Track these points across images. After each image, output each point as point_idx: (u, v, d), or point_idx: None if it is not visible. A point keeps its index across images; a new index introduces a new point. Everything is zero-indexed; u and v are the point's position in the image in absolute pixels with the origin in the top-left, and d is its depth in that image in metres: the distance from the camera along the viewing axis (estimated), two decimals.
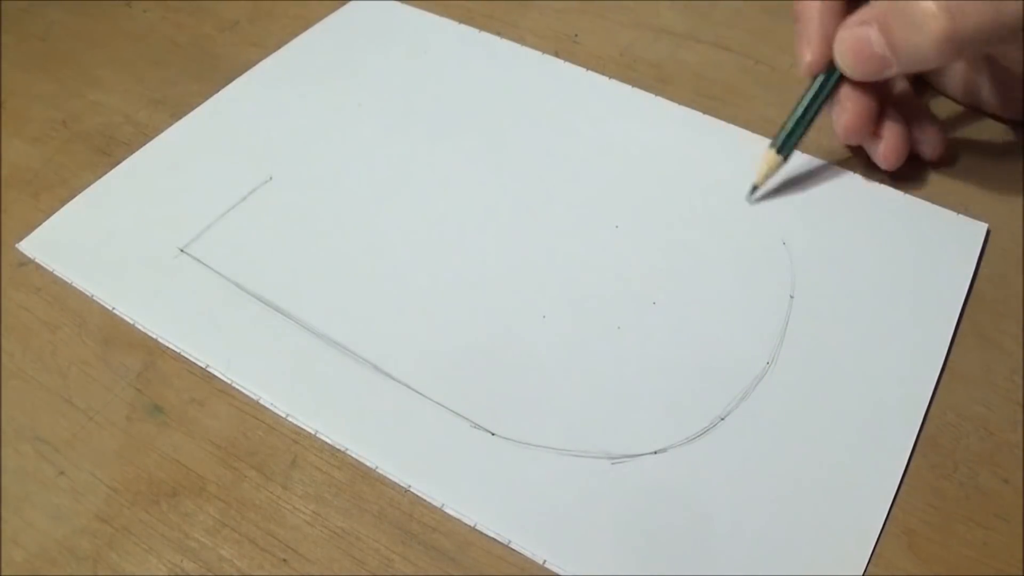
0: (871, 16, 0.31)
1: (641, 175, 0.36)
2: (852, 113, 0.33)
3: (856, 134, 0.34)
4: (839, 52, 0.33)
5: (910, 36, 0.30)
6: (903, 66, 0.31)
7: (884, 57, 0.31)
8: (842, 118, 0.34)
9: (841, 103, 0.34)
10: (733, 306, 0.32)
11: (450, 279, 0.33)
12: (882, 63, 0.32)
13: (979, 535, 0.26)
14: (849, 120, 0.33)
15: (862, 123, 0.33)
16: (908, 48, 0.31)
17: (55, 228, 0.35)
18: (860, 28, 0.32)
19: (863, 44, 0.32)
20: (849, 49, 0.32)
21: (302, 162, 0.37)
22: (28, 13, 0.44)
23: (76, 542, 0.27)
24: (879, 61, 0.32)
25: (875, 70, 0.32)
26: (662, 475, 0.27)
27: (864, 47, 0.32)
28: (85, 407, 0.30)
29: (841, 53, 0.32)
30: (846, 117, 0.33)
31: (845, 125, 0.34)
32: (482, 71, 0.41)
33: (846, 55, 0.32)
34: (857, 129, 0.34)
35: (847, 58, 0.32)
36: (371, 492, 0.28)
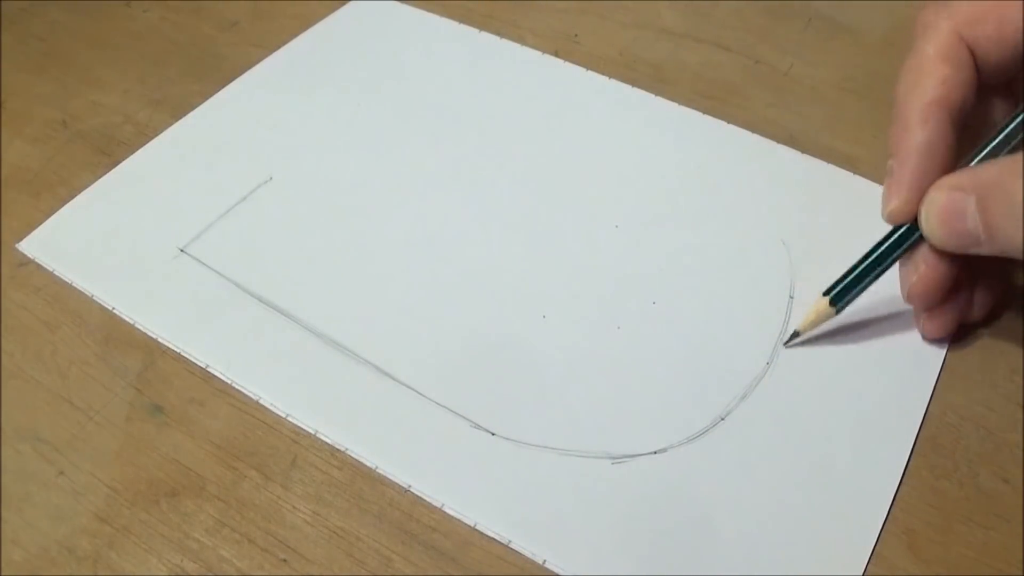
0: (971, 184, 0.26)
1: (641, 175, 0.36)
2: (923, 280, 0.28)
3: (921, 302, 0.29)
4: (927, 214, 0.27)
5: (1010, 227, 0.25)
6: (994, 250, 0.26)
7: (975, 235, 0.26)
8: (911, 280, 0.29)
9: (915, 263, 0.29)
10: (733, 306, 0.32)
11: (450, 279, 0.33)
12: (972, 241, 0.27)
13: (979, 535, 0.26)
14: (917, 287, 0.29)
15: (931, 293, 0.29)
16: (1005, 238, 0.26)
17: (55, 228, 0.34)
18: (956, 195, 0.27)
19: (956, 216, 0.27)
20: (938, 216, 0.27)
21: (302, 162, 0.37)
22: (28, 13, 0.44)
23: (76, 542, 0.27)
24: (969, 238, 0.27)
25: (962, 245, 0.27)
26: (662, 475, 0.27)
27: (956, 220, 0.27)
28: (85, 407, 0.30)
29: (928, 217, 0.27)
30: (916, 281, 0.29)
31: (912, 291, 0.29)
32: (482, 71, 0.41)
33: (933, 221, 0.27)
34: (924, 298, 0.29)
35: (934, 225, 0.27)
36: (371, 492, 0.28)
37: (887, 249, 0.29)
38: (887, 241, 0.29)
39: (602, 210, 0.35)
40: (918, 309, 0.30)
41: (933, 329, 0.30)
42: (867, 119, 0.38)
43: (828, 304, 0.29)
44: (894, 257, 0.29)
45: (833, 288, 0.29)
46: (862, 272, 0.29)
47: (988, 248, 0.26)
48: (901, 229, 0.29)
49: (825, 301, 0.29)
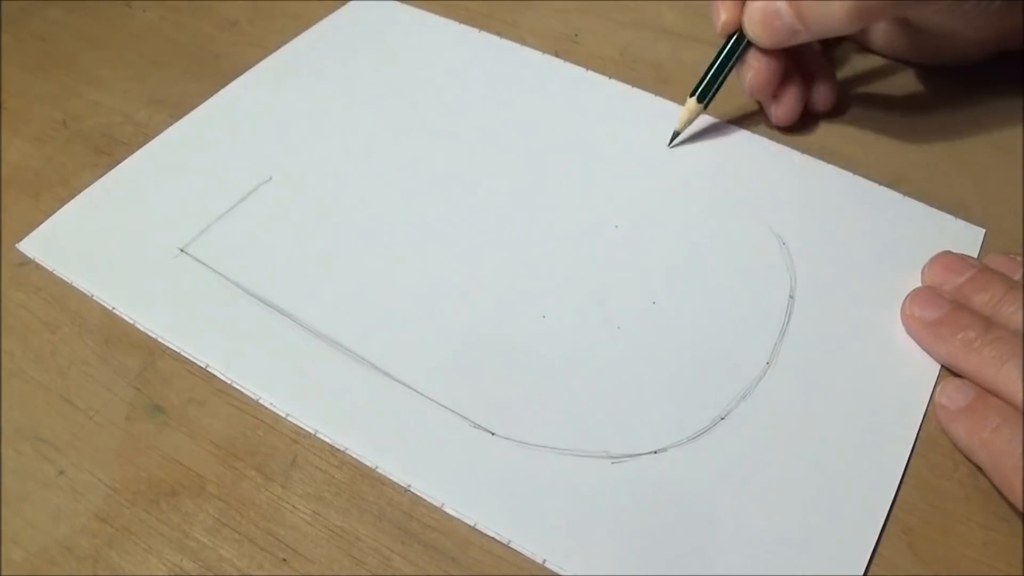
0: None
1: (641, 175, 0.36)
2: (757, 73, 0.35)
3: (760, 92, 0.36)
4: (749, 23, 0.34)
5: (819, 9, 0.32)
6: (812, 35, 0.33)
7: (793, 28, 0.33)
8: (748, 76, 0.35)
9: (748, 62, 0.35)
10: (733, 306, 0.32)
11: (450, 278, 0.33)
12: (791, 33, 0.33)
13: (979, 535, 0.26)
14: (753, 79, 0.35)
15: (767, 83, 0.35)
16: (817, 19, 0.32)
17: (55, 228, 0.34)
18: (770, 1, 0.33)
19: (772, 16, 0.33)
20: (759, 21, 0.34)
21: (302, 162, 0.37)
22: (28, 13, 0.44)
23: (76, 542, 0.27)
24: (788, 31, 0.33)
25: (784, 40, 0.34)
26: (662, 475, 0.27)
27: (773, 19, 0.33)
28: (85, 407, 0.30)
29: (751, 24, 0.34)
30: (751, 75, 0.35)
31: (750, 84, 0.36)
32: (482, 71, 0.41)
33: (756, 26, 0.34)
34: (761, 88, 0.36)
35: (757, 29, 0.34)
36: (371, 492, 0.28)
37: (724, 55, 0.36)
38: (724, 49, 0.36)
39: (602, 210, 0.35)
40: (764, 100, 0.37)
41: (780, 116, 0.37)
42: (866, 119, 0.38)
43: (696, 102, 0.36)
44: (735, 58, 0.36)
45: (696, 89, 0.36)
46: (713, 74, 0.36)
47: (806, 35, 0.33)
48: (732, 39, 0.35)
49: (693, 100, 0.36)
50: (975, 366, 0.28)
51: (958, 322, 0.29)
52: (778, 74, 0.35)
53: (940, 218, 0.34)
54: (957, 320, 0.29)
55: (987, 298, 0.29)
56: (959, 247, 0.33)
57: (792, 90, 0.36)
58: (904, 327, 0.31)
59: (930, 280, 0.31)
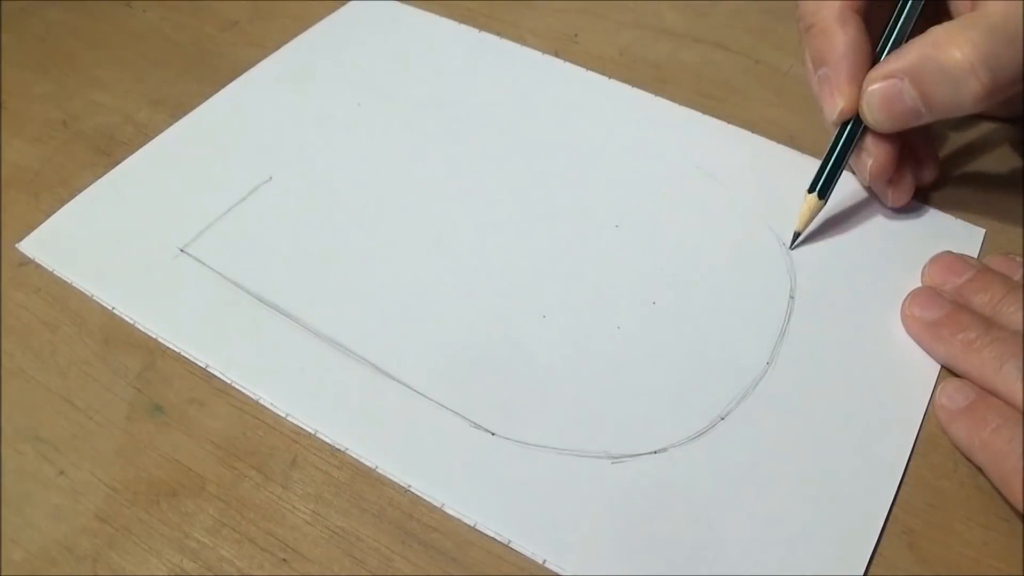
0: (902, 69, 0.30)
1: (641, 175, 0.36)
2: (878, 160, 0.32)
3: (882, 179, 0.33)
4: (868, 106, 0.31)
5: (947, 93, 0.29)
6: (936, 117, 0.31)
7: (917, 111, 0.30)
8: (868, 164, 0.33)
9: (867, 150, 0.33)
10: (733, 306, 0.32)
11: (450, 278, 0.33)
12: (914, 116, 0.31)
13: (979, 535, 0.26)
14: (875, 168, 0.33)
15: (888, 169, 0.33)
16: (944, 103, 0.30)
17: (55, 228, 0.34)
18: (891, 81, 0.30)
19: (895, 99, 0.30)
20: (880, 104, 0.31)
21: (302, 162, 0.37)
22: (28, 13, 0.44)
23: (76, 542, 0.27)
24: (911, 115, 0.31)
25: (905, 124, 0.31)
26: (662, 475, 0.27)
27: (896, 103, 0.31)
28: (85, 407, 0.30)
29: (871, 107, 0.31)
30: (872, 163, 0.33)
31: (872, 172, 0.33)
32: (482, 71, 0.41)
33: (876, 110, 0.31)
34: (883, 175, 0.33)
35: (878, 114, 0.31)
36: (371, 492, 0.28)
37: (844, 144, 0.33)
38: (841, 138, 0.33)
39: (602, 210, 0.35)
40: (880, 186, 0.34)
41: (899, 197, 0.34)
42: None
43: (817, 198, 0.33)
44: (851, 149, 0.33)
45: (815, 185, 0.33)
46: (832, 167, 0.33)
47: (928, 117, 0.31)
48: (848, 125, 0.33)
49: (813, 197, 0.33)
50: (975, 367, 0.28)
51: (958, 323, 0.29)
52: (896, 157, 0.33)
53: (940, 218, 0.34)
54: (957, 320, 0.29)
55: (987, 299, 0.29)
56: (959, 247, 0.33)
57: (906, 171, 0.34)
58: (904, 327, 0.31)
59: (930, 280, 0.31)
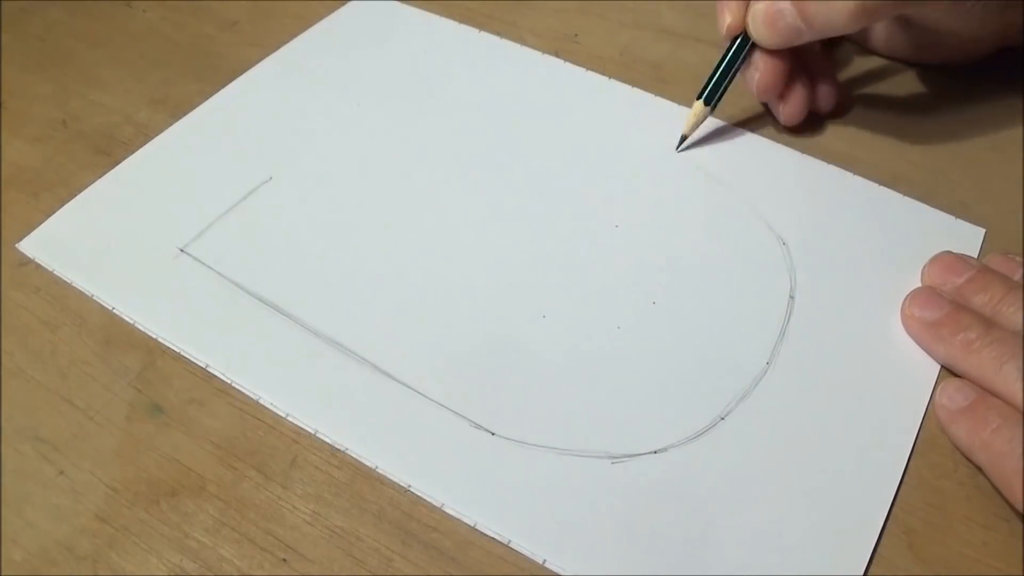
0: None
1: (641, 175, 0.36)
2: (764, 74, 0.35)
3: (767, 93, 0.36)
4: (753, 24, 0.34)
5: (823, 9, 0.32)
6: (816, 35, 0.33)
7: (797, 27, 0.33)
8: (755, 78, 0.36)
9: (754, 63, 0.36)
10: (733, 306, 0.32)
11: (450, 278, 0.33)
12: (795, 33, 0.33)
13: (979, 535, 0.26)
14: (761, 80, 0.35)
15: (773, 83, 0.35)
16: (821, 19, 0.32)
17: (55, 228, 0.34)
18: (773, 1, 0.33)
19: (776, 17, 0.33)
20: (763, 22, 0.34)
21: (302, 162, 0.37)
22: (28, 13, 0.44)
23: (76, 542, 0.27)
24: (792, 31, 0.33)
25: (788, 39, 0.34)
26: (662, 475, 0.27)
27: (777, 19, 0.33)
28: (85, 407, 0.30)
29: (755, 25, 0.34)
30: (758, 77, 0.35)
31: (758, 85, 0.36)
32: (482, 71, 0.41)
33: (760, 27, 0.34)
34: (768, 89, 0.36)
35: (761, 30, 0.34)
36: (371, 492, 0.28)
37: (731, 57, 0.36)
38: (729, 51, 0.36)
39: (602, 210, 0.35)
40: (771, 102, 0.37)
41: (788, 115, 0.36)
42: (867, 119, 0.38)
43: (703, 104, 0.36)
44: (740, 59, 0.36)
45: (703, 92, 0.36)
46: (719, 77, 0.36)
47: (810, 35, 0.33)
48: (737, 41, 0.36)
49: (700, 103, 0.36)
50: (975, 367, 0.28)
51: (958, 323, 0.29)
52: (784, 74, 0.35)
53: (940, 218, 0.34)
54: (957, 321, 0.29)
55: (987, 299, 0.29)
56: (959, 247, 0.33)
57: (798, 89, 0.36)
58: (904, 327, 0.31)
59: (930, 280, 0.31)
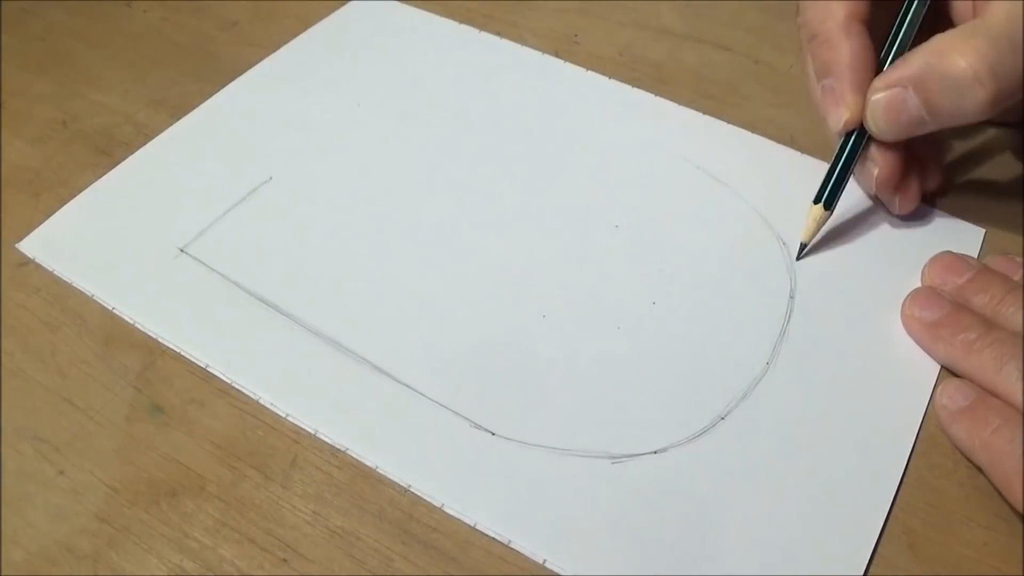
0: (906, 78, 0.30)
1: (641, 175, 0.36)
2: (884, 169, 0.32)
3: (889, 188, 0.33)
4: (873, 117, 0.31)
5: (951, 101, 0.29)
6: (940, 126, 0.31)
7: (920, 119, 0.30)
8: (874, 173, 0.33)
9: (872, 159, 0.33)
10: (733, 306, 0.32)
11: (450, 279, 0.33)
12: (918, 125, 0.31)
13: (979, 535, 0.26)
14: (881, 177, 0.32)
15: (894, 178, 0.33)
16: (949, 112, 0.30)
17: (55, 228, 0.34)
18: (895, 91, 0.30)
19: (899, 109, 0.30)
20: (884, 113, 0.31)
21: (302, 162, 0.37)
22: (28, 13, 0.44)
23: (76, 542, 0.27)
24: (916, 124, 0.31)
25: (909, 132, 0.31)
26: (662, 475, 0.27)
27: (900, 112, 0.30)
28: (85, 407, 0.30)
29: (875, 117, 0.31)
30: (878, 173, 0.32)
31: (878, 181, 0.33)
32: (482, 71, 0.41)
33: (880, 120, 0.31)
34: (889, 184, 0.33)
35: (882, 123, 0.31)
36: (371, 492, 0.28)
37: (848, 154, 0.33)
38: (846, 148, 0.33)
39: (602, 210, 0.35)
40: (887, 195, 0.33)
41: (906, 205, 0.34)
42: None
43: (823, 209, 0.33)
44: (856, 159, 0.33)
45: (820, 196, 0.33)
46: (837, 177, 0.33)
47: (932, 125, 0.30)
48: (853, 135, 0.33)
49: (819, 208, 0.33)
50: (975, 367, 0.28)
51: (958, 323, 0.29)
52: (903, 166, 0.33)
53: (940, 218, 0.34)
54: (957, 321, 0.29)
55: (987, 299, 0.29)
56: (959, 247, 0.33)
57: (913, 178, 0.33)
58: (904, 327, 0.31)
59: (930, 280, 0.31)
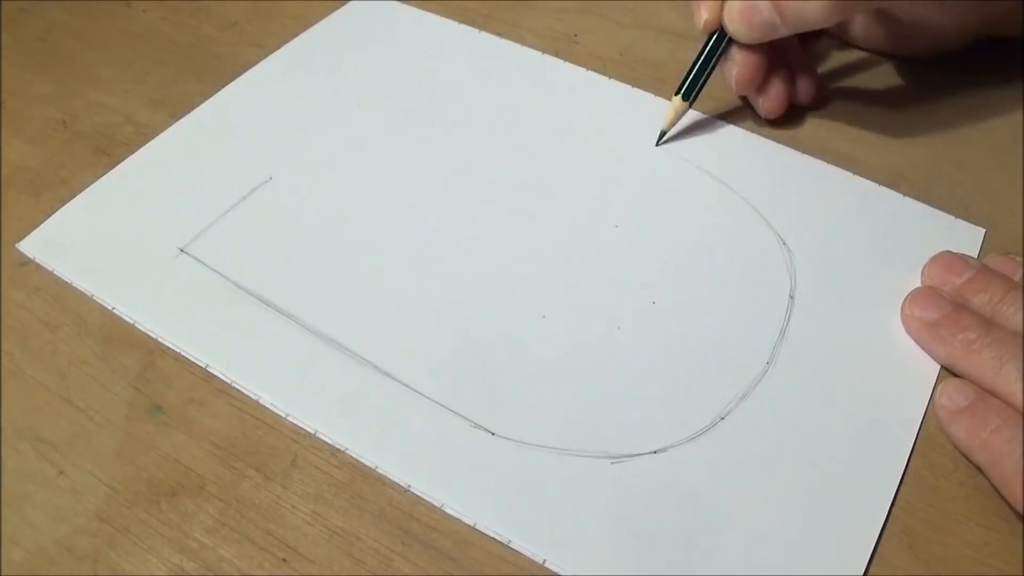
0: None
1: (641, 175, 0.36)
2: (741, 67, 0.36)
3: (745, 87, 0.36)
4: (729, 20, 0.35)
5: (797, 5, 0.32)
6: (791, 30, 0.33)
7: (772, 23, 0.33)
8: (732, 72, 0.36)
9: (732, 58, 0.36)
10: (733, 306, 0.32)
11: (450, 279, 0.33)
12: (770, 28, 0.34)
13: (979, 535, 0.26)
14: (739, 74, 0.36)
15: (751, 77, 0.36)
16: (795, 14, 0.33)
17: (55, 228, 0.34)
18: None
19: (752, 12, 0.34)
20: (739, 17, 0.34)
21: (302, 162, 0.37)
22: (28, 13, 0.44)
23: (76, 542, 0.27)
24: (767, 26, 0.34)
25: (764, 34, 0.34)
26: (662, 475, 0.27)
27: (753, 15, 0.34)
28: (85, 407, 0.30)
29: (731, 21, 0.34)
30: (736, 71, 0.36)
31: (736, 79, 0.36)
32: (482, 71, 0.41)
33: (736, 22, 0.34)
34: (746, 82, 0.36)
35: (737, 25, 0.34)
36: (371, 492, 0.28)
37: (708, 52, 0.36)
38: (706, 47, 0.36)
39: (602, 210, 0.35)
40: (750, 95, 0.37)
41: (767, 108, 0.37)
42: (865, 119, 0.38)
43: (682, 100, 0.36)
44: (717, 55, 0.36)
45: (681, 88, 0.36)
46: (697, 72, 0.36)
47: (785, 30, 0.33)
48: (714, 36, 0.36)
49: (679, 99, 0.36)
50: (975, 367, 0.28)
51: (958, 323, 0.29)
52: (762, 68, 0.36)
53: (940, 218, 0.34)
54: (957, 321, 0.29)
55: (987, 299, 0.29)
56: (959, 247, 0.33)
57: (777, 82, 0.36)
58: (904, 327, 0.31)
59: (930, 280, 0.31)
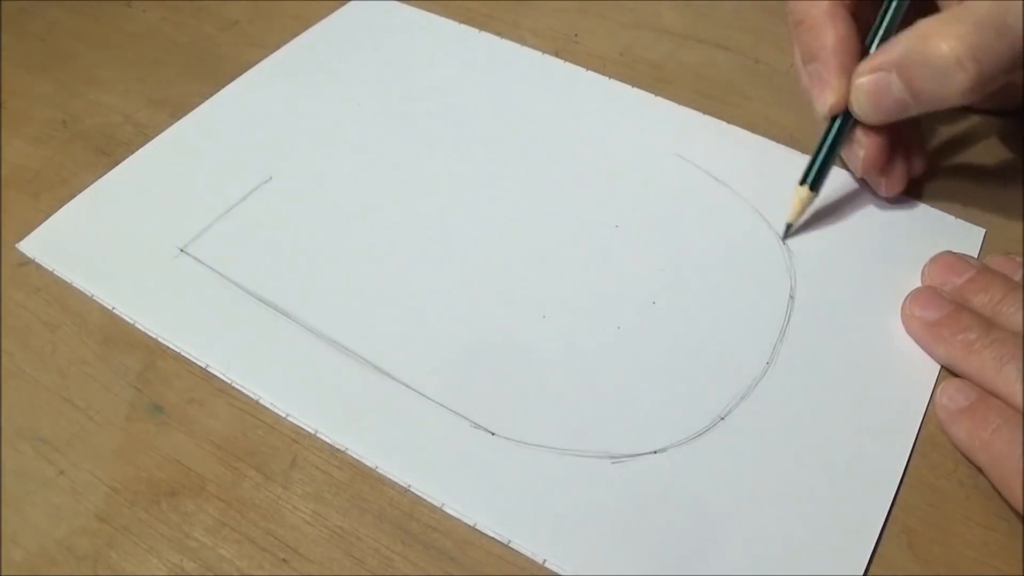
0: (889, 62, 0.30)
1: (641, 175, 0.36)
2: (869, 151, 0.33)
3: (873, 170, 0.34)
4: (857, 100, 0.32)
5: (934, 85, 0.30)
6: (923, 109, 0.31)
7: (903, 102, 0.31)
8: (859, 155, 0.33)
9: (858, 141, 0.33)
10: (733, 306, 0.32)
11: (450, 279, 0.33)
12: (901, 108, 0.31)
13: (979, 535, 0.26)
14: (867, 159, 0.33)
15: (878, 161, 0.33)
16: (932, 95, 0.30)
17: (55, 228, 0.34)
18: (878, 75, 0.31)
19: (883, 92, 0.31)
20: (868, 97, 0.31)
21: (302, 162, 0.37)
22: (28, 13, 0.44)
23: (76, 542, 0.27)
24: (898, 107, 0.31)
25: (893, 116, 0.32)
26: (662, 475, 0.27)
27: (884, 96, 0.31)
28: (85, 407, 0.30)
29: (859, 102, 0.32)
30: (863, 155, 0.33)
31: (864, 163, 0.33)
32: (482, 71, 0.41)
33: (864, 104, 0.32)
34: (874, 166, 0.33)
35: (866, 107, 0.32)
36: (371, 492, 0.28)
37: (834, 137, 0.33)
38: (831, 131, 0.33)
39: (602, 210, 0.35)
40: (873, 177, 0.34)
41: (892, 186, 0.34)
42: None
43: (808, 190, 0.33)
44: (841, 141, 0.33)
45: (806, 177, 0.33)
46: (823, 159, 0.33)
47: (916, 109, 0.31)
48: (839, 119, 0.33)
49: (804, 189, 0.33)
50: (975, 367, 0.28)
51: (958, 323, 0.29)
52: (887, 149, 0.33)
53: (940, 218, 0.34)
54: (957, 321, 0.29)
55: (987, 299, 0.29)
56: (959, 247, 0.33)
57: (898, 161, 0.34)
58: (904, 327, 0.31)
59: (930, 280, 0.31)
